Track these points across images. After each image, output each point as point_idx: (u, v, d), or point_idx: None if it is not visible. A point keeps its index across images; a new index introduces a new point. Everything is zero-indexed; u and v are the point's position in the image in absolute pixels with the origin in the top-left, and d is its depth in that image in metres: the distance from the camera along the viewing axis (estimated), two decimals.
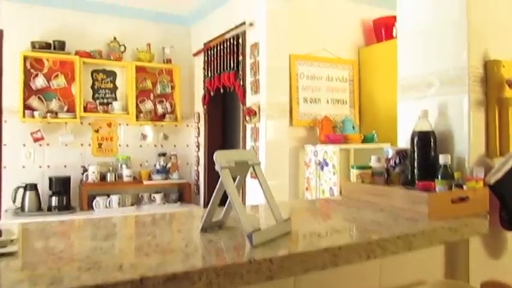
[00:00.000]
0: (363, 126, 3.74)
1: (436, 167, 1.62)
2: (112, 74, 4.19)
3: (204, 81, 4.18)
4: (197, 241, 1.11)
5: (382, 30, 3.73)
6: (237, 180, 1.24)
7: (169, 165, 4.31)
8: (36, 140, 3.79)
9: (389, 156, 1.82)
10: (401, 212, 1.48)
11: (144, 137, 4.33)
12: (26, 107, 3.71)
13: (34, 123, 3.77)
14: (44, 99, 3.81)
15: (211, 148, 4.22)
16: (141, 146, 4.34)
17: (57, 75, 3.86)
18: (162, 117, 4.33)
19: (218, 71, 3.83)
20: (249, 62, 3.41)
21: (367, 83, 3.76)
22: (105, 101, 4.13)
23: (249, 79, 3.41)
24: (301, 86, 3.48)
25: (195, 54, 4.37)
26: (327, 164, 3.11)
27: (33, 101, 3.73)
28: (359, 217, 1.45)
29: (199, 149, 4.40)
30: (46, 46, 3.77)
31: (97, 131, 4.12)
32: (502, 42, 1.75)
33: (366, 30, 3.89)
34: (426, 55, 1.82)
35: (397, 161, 1.80)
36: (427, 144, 1.69)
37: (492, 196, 1.56)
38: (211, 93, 4.01)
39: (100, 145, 4.13)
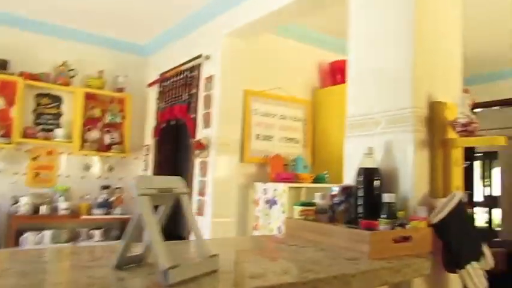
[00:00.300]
0: (316, 166, 3.70)
1: (380, 206, 1.56)
2: (58, 99, 3.98)
3: (156, 112, 4.05)
4: (105, 280, 0.96)
5: (338, 73, 3.79)
6: (161, 211, 1.11)
7: (112, 199, 4.06)
8: None
9: (334, 193, 1.75)
10: (343, 251, 1.39)
11: (87, 167, 4.09)
12: None
13: None
14: None
15: None
16: (83, 177, 4.08)
17: None
18: (108, 147, 4.12)
19: (171, 103, 3.72)
20: (202, 94, 3.33)
21: (322, 124, 3.76)
22: (48, 127, 3.89)
23: (201, 112, 3.32)
24: (254, 122, 3.42)
25: (150, 85, 4.25)
26: (275, 203, 3.01)
27: None
28: (297, 256, 1.34)
29: None
30: None
31: (35, 159, 3.84)
32: (446, 85, 1.76)
33: (322, 73, 3.95)
34: (374, 95, 1.80)
35: (342, 198, 1.73)
36: (371, 181, 1.63)
37: (435, 236, 1.51)
38: (163, 125, 3.87)
39: (37, 174, 3.84)
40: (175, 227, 2.97)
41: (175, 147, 4.04)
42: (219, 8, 3.16)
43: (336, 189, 1.75)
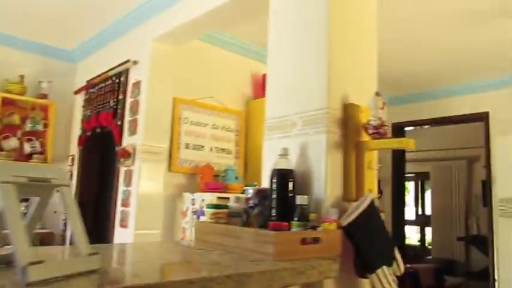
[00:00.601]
0: (248, 177, 3.65)
1: (294, 208, 1.52)
2: None
3: (82, 120, 3.84)
4: None
5: None
6: (34, 203, 0.99)
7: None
8: None
9: (250, 196, 1.69)
10: (249, 253, 1.32)
11: None
12: None
13: None
14: None
15: (83, 194, 3.79)
16: None
17: None
18: (29, 157, 3.83)
19: (97, 110, 3.54)
20: (129, 100, 3.19)
21: (254, 135, 3.74)
22: None
23: (127, 119, 3.18)
24: (184, 130, 3.32)
25: (77, 92, 4.04)
26: (203, 213, 2.90)
27: None
28: (199, 258, 1.26)
29: None
30: None
31: None
32: (361, 88, 1.78)
33: (255, 84, 3.95)
34: (291, 96, 1.79)
35: (257, 201, 1.67)
36: (285, 183, 1.59)
37: (346, 239, 1.48)
38: (88, 134, 3.67)
39: None
40: None
41: (101, 156, 3.83)
42: (146, 13, 3.08)
43: (251, 191, 1.70)
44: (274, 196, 1.59)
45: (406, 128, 5.76)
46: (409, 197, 9.10)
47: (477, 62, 4.00)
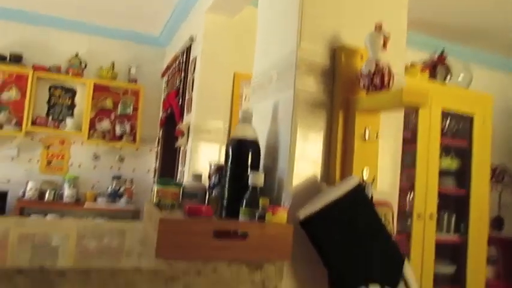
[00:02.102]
0: None
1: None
2: (71, 91, 4.01)
3: (162, 102, 3.89)
4: None
5: None
6: None
7: (122, 189, 3.97)
8: None
9: (210, 173, 1.34)
10: (150, 242, 1.00)
11: (97, 157, 4.06)
12: None
13: None
14: None
15: (164, 174, 3.83)
16: (95, 167, 4.07)
17: (10, 88, 3.74)
18: (120, 138, 4.04)
19: (168, 91, 3.52)
20: (189, 78, 3.06)
21: None
22: (60, 117, 3.93)
23: (187, 97, 3.05)
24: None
25: (162, 75, 4.11)
26: None
27: None
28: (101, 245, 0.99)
29: (155, 175, 4.03)
30: (1, 58, 3.68)
31: (48, 148, 3.90)
32: (365, 24, 1.24)
33: None
34: (270, 42, 1.37)
35: (216, 180, 1.31)
36: (241, 156, 1.20)
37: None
38: (165, 115, 3.69)
39: (49, 162, 3.89)
40: None
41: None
42: None
43: (212, 167, 1.35)
44: (228, 173, 1.21)
45: None
46: None
47: None
